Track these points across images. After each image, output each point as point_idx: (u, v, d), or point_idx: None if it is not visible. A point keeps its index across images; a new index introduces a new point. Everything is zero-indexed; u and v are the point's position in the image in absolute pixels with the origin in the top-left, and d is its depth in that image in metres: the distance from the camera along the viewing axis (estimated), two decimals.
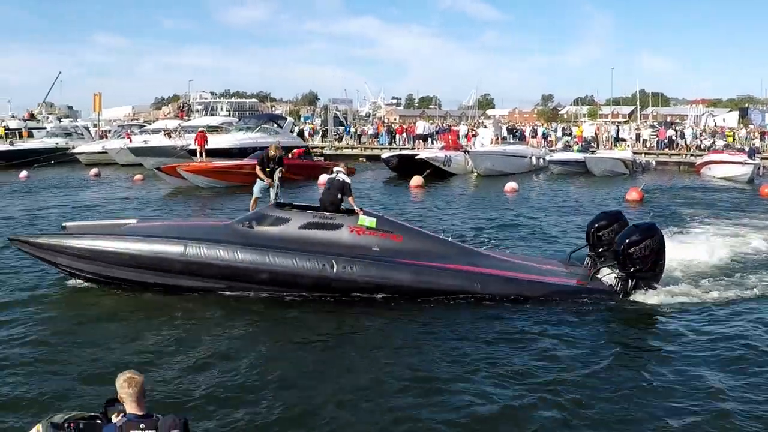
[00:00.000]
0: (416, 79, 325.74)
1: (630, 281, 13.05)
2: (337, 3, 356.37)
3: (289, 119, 62.77)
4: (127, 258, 13.08)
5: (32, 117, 72.23)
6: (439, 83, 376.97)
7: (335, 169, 14.61)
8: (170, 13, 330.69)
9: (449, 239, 14.34)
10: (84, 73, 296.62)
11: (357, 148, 58.41)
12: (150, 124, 75.47)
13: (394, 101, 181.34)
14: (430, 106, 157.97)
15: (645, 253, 12.89)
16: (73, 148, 55.86)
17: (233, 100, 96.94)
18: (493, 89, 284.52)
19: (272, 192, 15.64)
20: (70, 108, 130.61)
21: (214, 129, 55.81)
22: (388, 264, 12.85)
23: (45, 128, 66.71)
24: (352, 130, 62.83)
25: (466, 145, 47.67)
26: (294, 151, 40.35)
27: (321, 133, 63.90)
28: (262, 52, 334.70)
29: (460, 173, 41.47)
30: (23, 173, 44.70)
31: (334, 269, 12.62)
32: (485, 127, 59.90)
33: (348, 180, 14.25)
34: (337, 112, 68.11)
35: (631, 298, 13.01)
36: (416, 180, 35.96)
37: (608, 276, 13.35)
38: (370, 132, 62.50)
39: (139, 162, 45.40)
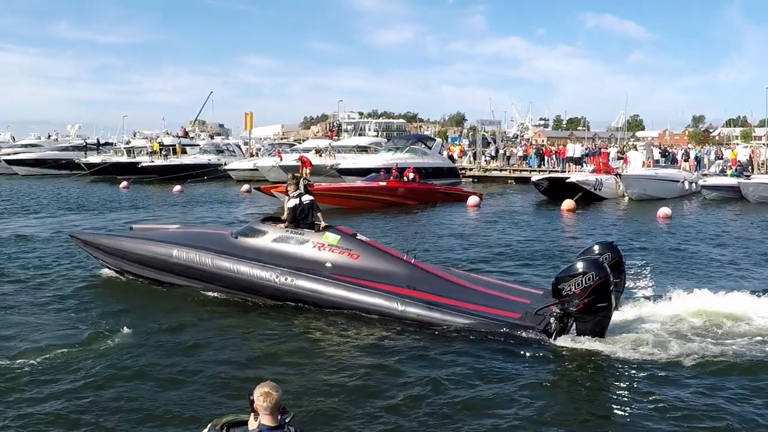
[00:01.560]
0: (564, 99, 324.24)
1: (558, 322, 11.88)
2: (482, 24, 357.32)
3: (438, 140, 63.59)
4: (132, 255, 15.93)
5: (186, 134, 75.73)
6: (587, 104, 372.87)
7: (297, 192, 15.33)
8: (320, 36, 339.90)
9: (411, 261, 14.51)
10: (235, 94, 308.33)
11: (506, 170, 58.37)
12: (300, 142, 77.86)
13: (542, 122, 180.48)
14: (579, 128, 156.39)
15: (574, 290, 11.56)
16: (225, 164, 58.41)
17: (381, 120, 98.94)
18: (642, 110, 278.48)
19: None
20: (222, 126, 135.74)
21: (363, 149, 57.57)
22: (318, 279, 13.70)
23: (198, 145, 70.27)
24: (501, 151, 62.98)
25: (618, 168, 47.04)
26: (406, 171, 39.18)
27: (471, 154, 64.23)
28: (409, 73, 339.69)
29: (611, 197, 40.75)
30: (177, 188, 47.49)
31: (277, 280, 13.92)
32: (636, 149, 58.88)
33: (292, 203, 15.05)
34: (485, 134, 68.40)
35: (558, 341, 11.65)
36: (568, 204, 35.28)
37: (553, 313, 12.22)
38: (519, 154, 62.49)
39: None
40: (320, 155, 54.80)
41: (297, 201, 14.93)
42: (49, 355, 10.38)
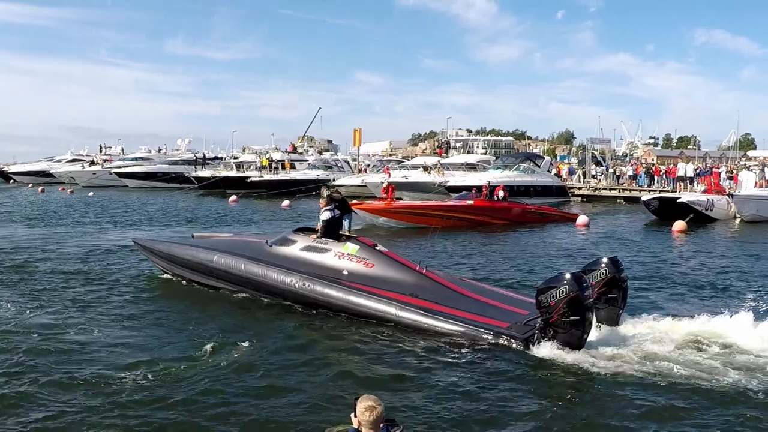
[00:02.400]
0: (674, 117, 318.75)
1: (540, 332, 12.39)
2: (591, 40, 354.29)
3: (547, 158, 64.01)
4: (180, 260, 17.91)
5: (294, 150, 77.58)
6: (698, 121, 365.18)
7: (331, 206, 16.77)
8: (430, 53, 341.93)
9: (423, 270, 15.38)
10: (344, 110, 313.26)
11: (615, 189, 58.22)
12: (408, 159, 78.86)
13: (651, 140, 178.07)
14: (689, 147, 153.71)
15: (550, 302, 12.13)
16: (334, 180, 59.43)
17: (490, 137, 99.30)
18: (755, 128, 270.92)
19: (345, 224, 17.45)
20: (330, 142, 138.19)
21: (472, 167, 58.30)
22: (331, 285, 14.95)
23: (306, 161, 72.18)
24: (610, 170, 62.86)
25: (729, 189, 46.12)
26: (496, 188, 38.56)
27: (581, 173, 64.20)
28: (517, 90, 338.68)
29: (723, 218, 39.74)
30: (285, 202, 49.46)
31: (296, 285, 15.34)
32: (748, 169, 57.86)
33: (326, 216, 16.42)
34: (595, 152, 68.42)
35: (536, 350, 12.12)
36: (679, 225, 34.81)
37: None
38: (629, 173, 62.28)
39: (399, 197, 47.64)
40: (428, 172, 55.85)
41: (330, 214, 16.37)
42: (157, 367, 10.87)
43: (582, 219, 36.96)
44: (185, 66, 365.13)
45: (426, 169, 57.61)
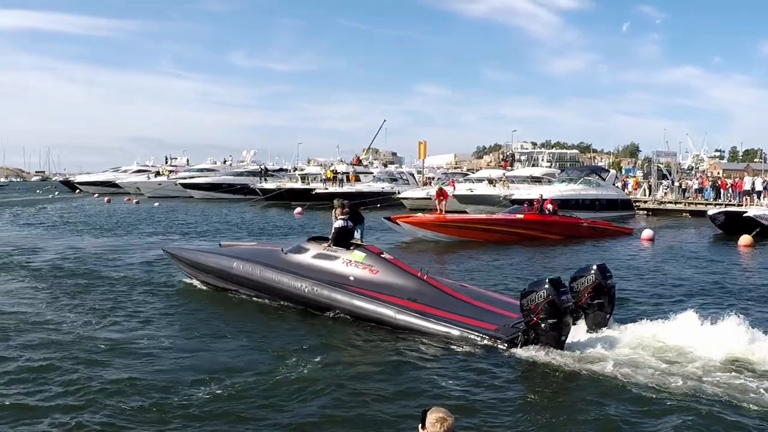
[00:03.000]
0: (740, 130, 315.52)
1: (523, 334, 13.21)
2: (657, 53, 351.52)
3: (612, 171, 64.20)
4: (204, 267, 19.55)
5: (359, 162, 78.63)
6: (765, 135, 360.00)
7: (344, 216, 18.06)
8: (494, 65, 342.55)
9: (424, 277, 16.40)
10: (408, 122, 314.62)
11: (681, 202, 58.00)
12: (473, 172, 79.49)
13: (717, 154, 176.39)
14: (755, 160, 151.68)
15: (530, 306, 13.04)
16: (399, 193, 60.71)
17: (554, 150, 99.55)
18: None
19: (357, 234, 18.51)
20: (394, 154, 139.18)
21: (537, 180, 58.88)
22: (336, 290, 16.17)
23: (371, 173, 73.13)
24: (676, 184, 62.78)
25: None
26: (545, 201, 37.97)
27: (647, 186, 63.96)
28: (582, 103, 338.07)
29: None
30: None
31: (306, 290, 16.59)
32: None
33: (338, 224, 17.68)
34: (660, 165, 68.41)
35: (519, 351, 12.90)
36: (745, 239, 34.39)
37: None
38: (695, 186, 62.16)
39: (464, 209, 48.34)
40: (493, 185, 56.44)
41: (343, 223, 17.67)
42: (227, 381, 11.16)
43: (647, 233, 36.60)
44: (247, 77, 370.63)
45: (491, 182, 58.08)
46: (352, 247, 17.37)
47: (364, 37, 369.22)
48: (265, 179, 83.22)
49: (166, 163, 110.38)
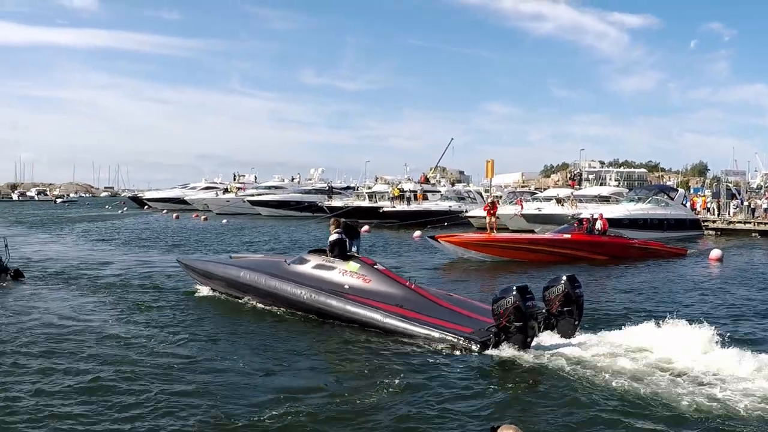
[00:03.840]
0: None
1: (495, 336, 14.88)
2: (726, 70, 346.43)
3: (681, 191, 63.87)
4: (214, 276, 21.72)
5: (427, 180, 79.63)
6: None
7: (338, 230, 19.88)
8: (561, 83, 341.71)
9: (412, 286, 18.35)
10: (475, 140, 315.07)
11: (750, 222, 57.45)
12: (540, 191, 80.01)
13: None
14: None
15: (499, 311, 14.70)
16: (466, 212, 61.39)
17: (622, 169, 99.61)
18: None
19: (354, 247, 20.41)
20: (461, 173, 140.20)
21: (605, 199, 59.34)
22: (332, 296, 18.03)
23: (439, 191, 73.99)
24: (745, 203, 62.55)
25: None
26: (600, 220, 36.88)
27: (716, 206, 63.63)
28: (650, 121, 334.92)
29: None
30: (416, 233, 50.66)
31: (304, 296, 18.48)
32: None
33: (333, 238, 19.53)
34: (729, 184, 68.10)
35: (491, 351, 14.60)
36: None
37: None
38: (764, 206, 61.80)
39: (531, 228, 49.10)
40: (561, 204, 56.81)
41: (337, 236, 19.55)
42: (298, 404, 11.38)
43: (715, 253, 36.35)
44: (315, 95, 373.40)
45: (559, 201, 58.44)
46: (348, 259, 19.28)
47: (432, 55, 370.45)
48: (329, 196, 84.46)
49: (235, 180, 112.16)
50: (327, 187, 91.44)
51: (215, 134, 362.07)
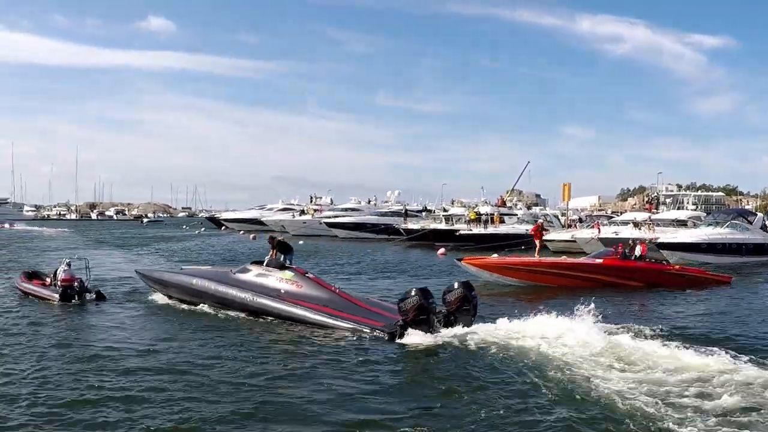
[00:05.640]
0: None
1: (401, 328, 19.03)
2: None
3: (760, 215, 63.03)
4: (168, 283, 25.49)
5: (503, 203, 79.96)
6: None
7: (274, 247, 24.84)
8: (639, 106, 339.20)
9: (336, 291, 22.75)
10: (551, 164, 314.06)
11: None
12: (617, 215, 79.97)
13: None
14: None
15: (407, 308, 19.17)
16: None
17: (700, 193, 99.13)
18: None
19: (288, 260, 24.35)
20: (538, 196, 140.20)
21: (682, 223, 59.18)
22: (270, 299, 22.04)
23: (516, 215, 74.51)
24: None
25: None
26: (642, 245, 36.60)
27: None
28: (728, 144, 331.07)
29: None
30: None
31: (247, 299, 22.46)
32: None
33: (271, 253, 24.66)
34: None
35: (402, 340, 18.66)
36: None
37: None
38: None
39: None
40: (639, 228, 56.74)
41: (273, 252, 24.59)
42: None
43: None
44: (391, 118, 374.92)
45: (636, 225, 58.27)
46: (284, 269, 23.31)
47: (508, 77, 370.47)
48: (407, 220, 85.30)
49: (311, 201, 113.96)
50: (403, 210, 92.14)
51: (292, 156, 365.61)
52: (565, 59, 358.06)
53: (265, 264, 23.85)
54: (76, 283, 24.97)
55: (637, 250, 35.47)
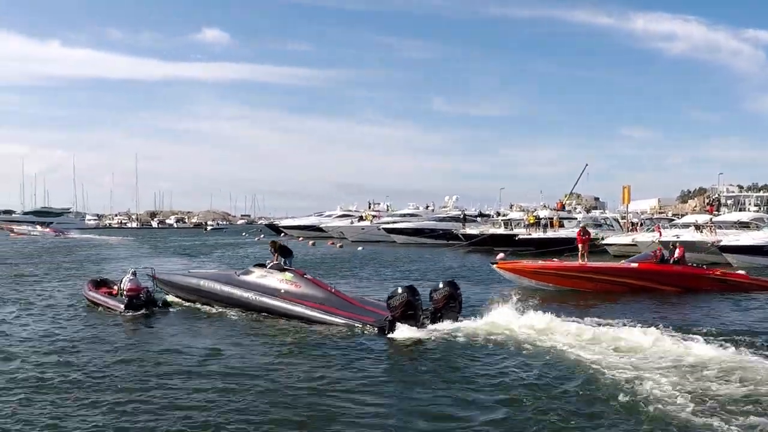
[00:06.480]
0: None
1: (390, 323, 20.72)
2: None
3: None
4: (178, 285, 27.45)
5: (562, 207, 79.67)
6: None
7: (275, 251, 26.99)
8: (699, 105, 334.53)
9: (332, 290, 24.64)
10: (610, 165, 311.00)
11: None
12: (678, 217, 79.07)
13: None
14: None
15: (395, 304, 20.95)
16: (602, 239, 60.47)
17: (762, 194, 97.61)
18: None
19: (287, 263, 26.50)
20: (597, 199, 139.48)
21: (745, 225, 58.23)
22: (271, 298, 23.82)
23: (575, 218, 73.88)
24: None
25: None
26: (680, 248, 35.07)
27: None
28: None
29: None
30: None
31: (250, 298, 24.31)
32: None
33: (273, 257, 26.69)
34: None
35: (392, 334, 20.23)
36: None
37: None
38: None
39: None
40: (700, 231, 56.04)
41: (275, 255, 26.60)
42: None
43: None
44: (448, 123, 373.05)
45: (698, 227, 57.49)
46: (284, 270, 25.03)
47: (564, 80, 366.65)
48: (465, 225, 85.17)
49: (369, 208, 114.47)
50: (461, 215, 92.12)
51: (349, 163, 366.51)
52: (621, 59, 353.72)
53: (268, 266, 25.69)
54: (142, 293, 25.17)
55: (676, 254, 34.33)
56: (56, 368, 16.35)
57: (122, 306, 24.58)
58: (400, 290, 21.41)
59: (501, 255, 55.85)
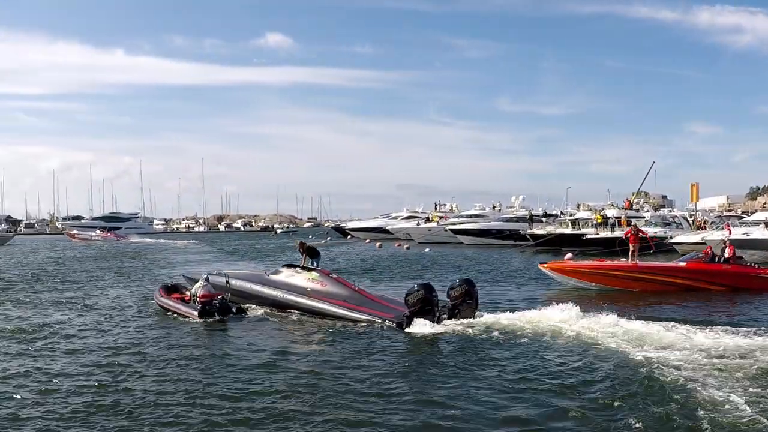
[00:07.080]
0: None
1: (407, 319, 21.82)
2: None
3: None
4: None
5: (630, 206, 79.03)
6: None
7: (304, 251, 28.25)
8: (765, 99, 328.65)
9: (356, 288, 25.83)
10: (677, 163, 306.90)
11: None
12: (747, 214, 78.01)
13: None
14: None
15: (413, 301, 22.18)
16: (671, 237, 60.34)
17: None
18: None
19: (315, 263, 27.83)
20: (665, 197, 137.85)
21: None
22: (298, 295, 25.17)
23: (643, 217, 73.28)
24: None
25: None
26: (730, 247, 34.92)
27: None
28: None
29: None
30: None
31: (278, 296, 25.74)
32: None
33: (302, 258, 28.24)
34: None
35: (409, 329, 21.34)
36: None
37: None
38: None
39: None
40: None
41: (303, 256, 28.04)
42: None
43: None
44: (514, 123, 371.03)
45: None
46: (311, 270, 26.44)
47: (630, 76, 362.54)
48: (532, 225, 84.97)
49: (436, 209, 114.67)
50: (528, 215, 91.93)
51: (415, 164, 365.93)
52: (686, 54, 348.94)
53: (300, 267, 27.17)
54: (215, 300, 24.70)
55: (726, 252, 34.15)
56: (132, 376, 16.19)
57: (195, 313, 24.12)
58: (416, 287, 22.80)
59: (569, 255, 55.50)
